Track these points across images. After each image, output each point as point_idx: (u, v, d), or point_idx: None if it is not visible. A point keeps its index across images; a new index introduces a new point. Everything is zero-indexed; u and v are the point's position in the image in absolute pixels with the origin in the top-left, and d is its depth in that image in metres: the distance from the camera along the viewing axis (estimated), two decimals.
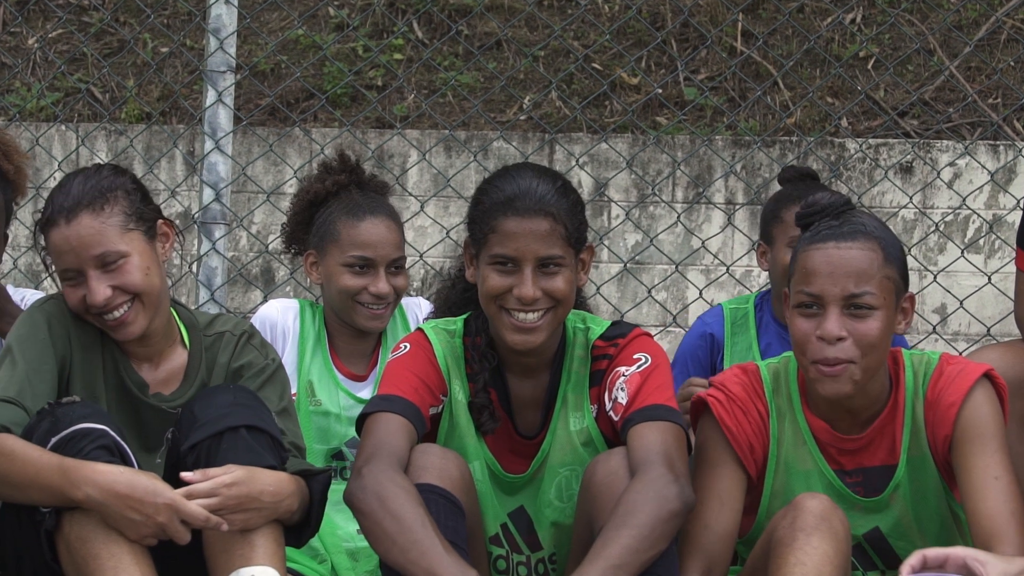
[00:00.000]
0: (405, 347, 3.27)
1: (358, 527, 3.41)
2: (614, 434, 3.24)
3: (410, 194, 6.49)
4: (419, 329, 3.34)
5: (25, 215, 6.52)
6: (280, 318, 4.01)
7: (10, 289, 3.65)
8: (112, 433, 3.05)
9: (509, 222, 3.16)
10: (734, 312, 4.32)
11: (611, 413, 3.21)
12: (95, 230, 3.22)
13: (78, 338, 3.23)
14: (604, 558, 2.90)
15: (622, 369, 3.23)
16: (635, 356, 3.25)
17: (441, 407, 3.27)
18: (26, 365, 3.13)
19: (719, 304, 4.40)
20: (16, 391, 3.09)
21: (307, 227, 4.08)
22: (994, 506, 3.02)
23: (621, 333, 3.29)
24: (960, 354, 4.00)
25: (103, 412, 3.12)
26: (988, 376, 3.14)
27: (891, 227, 6.42)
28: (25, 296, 3.67)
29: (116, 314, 3.22)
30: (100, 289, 3.19)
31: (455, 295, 3.43)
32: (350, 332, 4.00)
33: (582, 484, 3.18)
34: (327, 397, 3.92)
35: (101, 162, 4.36)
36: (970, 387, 3.11)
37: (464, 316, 3.35)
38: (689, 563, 3.09)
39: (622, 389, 3.20)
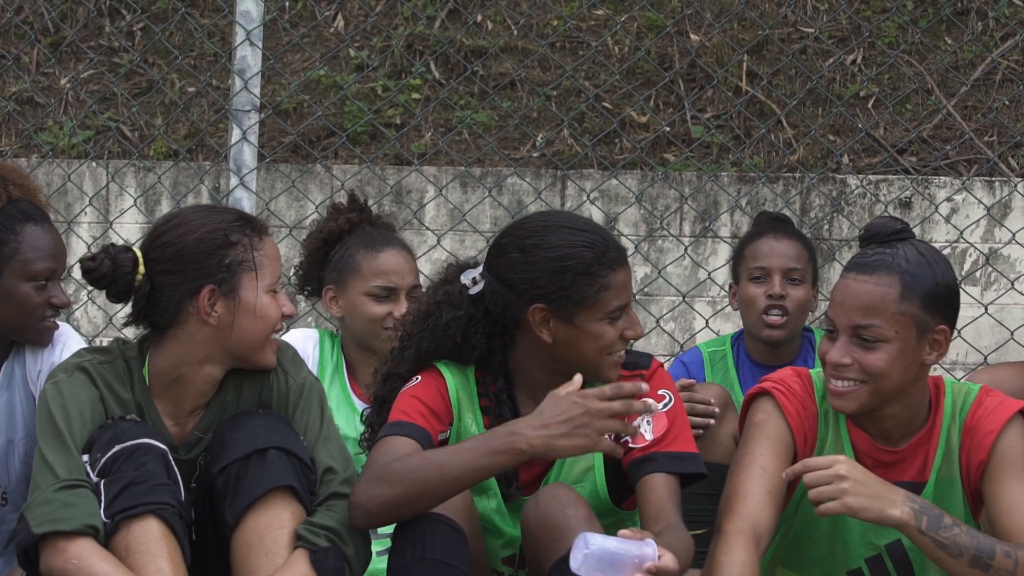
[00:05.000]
0: (417, 379, 3.30)
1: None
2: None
3: (427, 228, 6.57)
4: (433, 364, 3.34)
5: None
6: (301, 346, 4.05)
7: None
8: (169, 454, 3.17)
9: (620, 275, 3.23)
10: (712, 355, 4.36)
11: (626, 438, 3.24)
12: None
13: (112, 398, 3.28)
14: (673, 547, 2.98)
15: (648, 402, 3.24)
16: (660, 392, 3.30)
17: (448, 433, 3.30)
18: (73, 441, 3.17)
19: (696, 347, 4.43)
20: (79, 471, 3.14)
21: (322, 266, 4.18)
22: (1021, 522, 3.07)
23: (642, 363, 3.35)
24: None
25: (160, 434, 3.22)
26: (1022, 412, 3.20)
27: None
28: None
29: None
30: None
31: (464, 362, 3.38)
32: (368, 359, 4.06)
33: (521, 524, 3.22)
34: (345, 422, 3.95)
35: None
36: (1008, 419, 3.16)
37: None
38: (735, 537, 3.08)
39: (648, 422, 3.25)
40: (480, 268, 3.36)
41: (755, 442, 3.21)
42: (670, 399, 3.30)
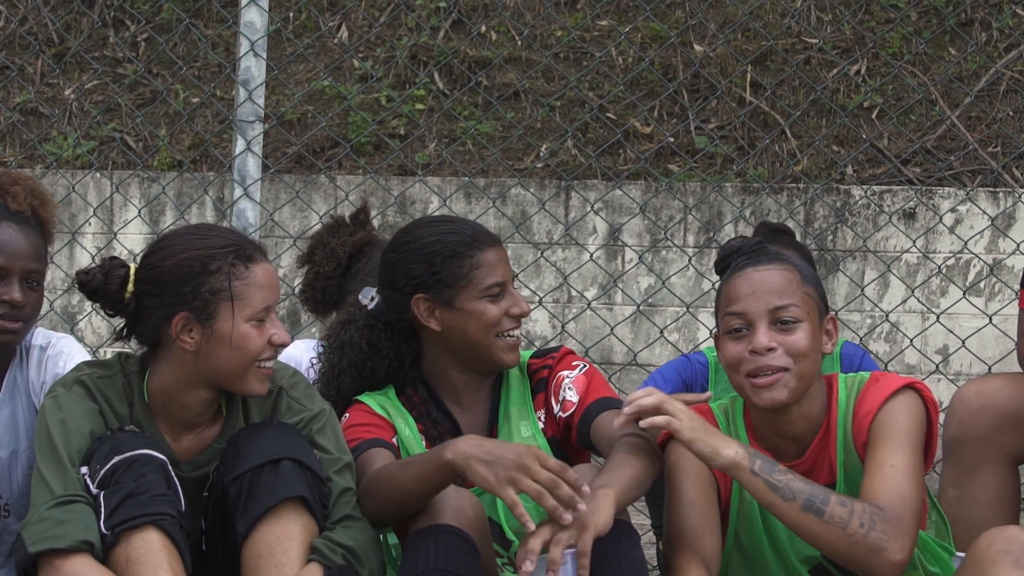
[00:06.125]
0: (346, 415, 3.43)
1: None
2: (561, 432, 3.43)
3: None
4: (352, 400, 3.47)
5: (61, 259, 6.69)
6: (304, 357, 4.06)
7: (40, 332, 3.68)
8: (168, 464, 3.16)
9: (487, 254, 3.38)
10: (719, 361, 4.38)
11: (559, 413, 3.41)
12: None
13: (113, 413, 3.28)
14: (623, 475, 3.09)
15: (565, 373, 3.45)
16: (574, 363, 3.47)
17: (396, 440, 3.41)
18: (69, 456, 3.17)
19: (703, 351, 4.42)
20: (74, 486, 3.12)
21: (341, 280, 4.17)
22: (880, 486, 3.04)
23: (551, 351, 3.52)
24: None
25: (159, 444, 3.22)
26: (915, 389, 3.18)
27: (895, 270, 6.58)
28: (51, 340, 3.67)
29: None
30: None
31: (378, 374, 3.50)
32: None
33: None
34: None
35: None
36: (889, 395, 3.16)
37: (390, 385, 3.50)
38: (686, 565, 3.13)
39: (570, 389, 3.42)
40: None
41: (677, 481, 3.25)
42: (584, 364, 3.47)
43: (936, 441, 3.22)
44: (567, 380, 3.44)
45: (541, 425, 3.46)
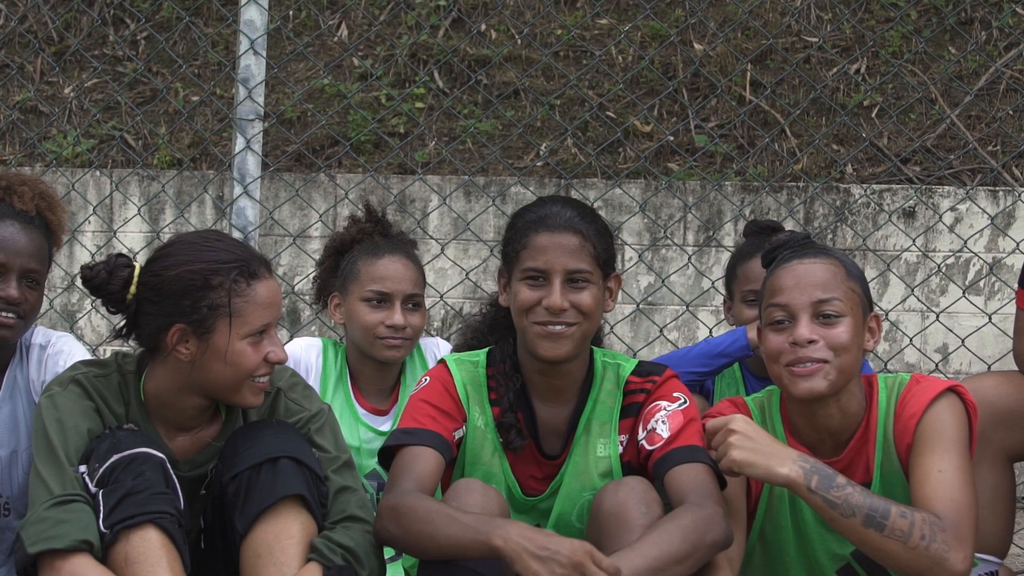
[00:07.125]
0: (425, 380, 3.36)
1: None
2: (641, 460, 3.33)
3: (431, 237, 6.58)
4: (441, 361, 3.40)
5: (61, 258, 6.69)
6: (304, 355, 4.13)
7: (40, 331, 3.71)
8: (167, 462, 3.18)
9: (539, 237, 3.27)
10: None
11: (643, 442, 3.30)
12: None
13: (109, 412, 3.30)
14: (644, 555, 2.98)
15: (663, 404, 3.32)
16: (675, 395, 3.35)
17: (464, 429, 3.34)
18: (66, 455, 3.18)
19: None
20: (72, 485, 3.14)
21: (334, 273, 4.21)
22: (933, 493, 3.07)
23: (655, 371, 3.39)
24: None
25: (158, 443, 3.24)
26: (956, 391, 3.21)
27: (894, 269, 6.58)
28: (51, 339, 3.71)
29: None
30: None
31: (490, 321, 3.50)
32: (371, 368, 4.10)
33: (591, 512, 3.25)
34: (348, 431, 3.96)
35: None
36: (933, 398, 3.18)
37: (487, 349, 3.43)
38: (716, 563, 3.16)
39: (663, 422, 3.30)
40: None
41: None
42: (685, 400, 3.34)
43: (975, 443, 3.24)
44: (662, 412, 3.32)
45: (620, 450, 3.37)
